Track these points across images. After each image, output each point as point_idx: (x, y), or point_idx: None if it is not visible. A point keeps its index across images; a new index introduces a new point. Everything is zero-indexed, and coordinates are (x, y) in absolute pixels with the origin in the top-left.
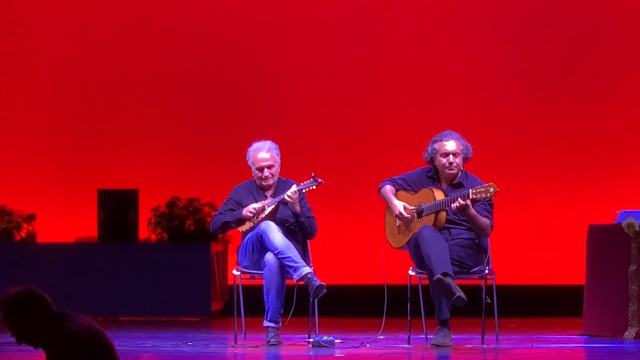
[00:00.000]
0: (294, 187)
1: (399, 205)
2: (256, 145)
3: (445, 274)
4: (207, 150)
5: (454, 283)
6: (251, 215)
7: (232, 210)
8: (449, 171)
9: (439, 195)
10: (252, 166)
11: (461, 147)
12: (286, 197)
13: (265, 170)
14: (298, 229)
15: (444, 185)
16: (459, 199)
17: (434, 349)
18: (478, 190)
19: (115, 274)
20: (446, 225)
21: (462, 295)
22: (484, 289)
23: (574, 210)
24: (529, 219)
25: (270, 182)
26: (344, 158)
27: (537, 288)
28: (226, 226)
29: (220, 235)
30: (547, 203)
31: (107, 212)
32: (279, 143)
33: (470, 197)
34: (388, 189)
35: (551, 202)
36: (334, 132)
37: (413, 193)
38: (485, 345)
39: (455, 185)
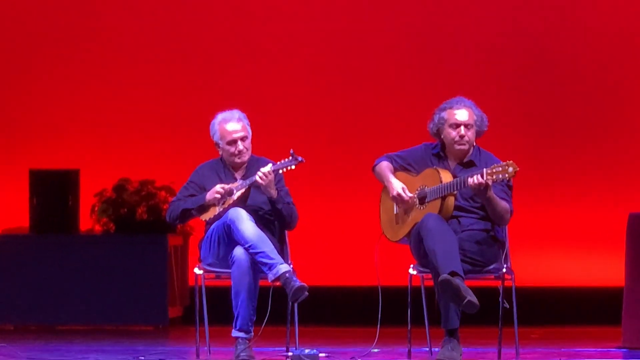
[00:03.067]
0: (268, 167)
1: (397, 185)
2: (222, 116)
3: (453, 274)
4: (163, 123)
5: (463, 284)
6: (218, 197)
7: (194, 195)
8: (459, 146)
9: (446, 176)
10: (219, 141)
11: (475, 118)
12: (258, 178)
13: (239, 143)
14: (274, 218)
15: (453, 164)
16: (477, 176)
17: None
18: (494, 170)
19: (51, 273)
20: (455, 213)
21: (474, 299)
22: (500, 291)
23: (609, 197)
24: (555, 208)
25: (246, 157)
26: (330, 131)
27: (565, 291)
28: (186, 214)
29: (179, 226)
30: (578, 188)
31: (41, 198)
32: (249, 114)
33: (485, 178)
34: (385, 165)
35: (582, 187)
36: (318, 101)
37: (415, 174)
38: None
39: (466, 164)
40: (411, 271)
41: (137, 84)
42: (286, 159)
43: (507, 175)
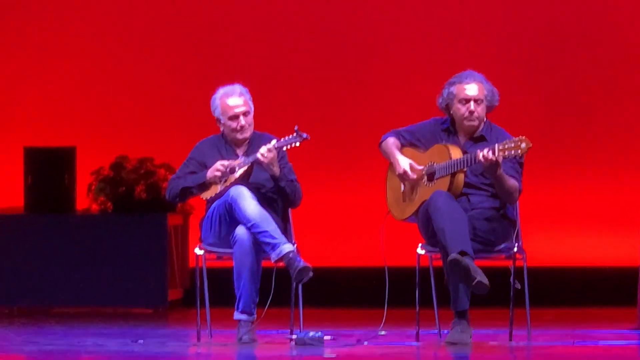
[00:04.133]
0: (272, 143)
1: (403, 162)
2: (223, 90)
3: (463, 253)
4: (162, 98)
5: (473, 264)
6: (219, 175)
7: (194, 172)
8: (469, 122)
9: (456, 152)
10: (220, 117)
11: (485, 92)
12: (259, 156)
13: (241, 118)
14: (277, 196)
15: (463, 139)
16: (489, 152)
17: (450, 348)
18: (506, 146)
19: (46, 254)
20: (464, 190)
21: (484, 279)
22: (512, 271)
23: (625, 174)
24: (568, 185)
25: (248, 133)
26: (336, 105)
27: (578, 271)
28: (186, 193)
29: (179, 205)
30: (592, 164)
31: (36, 176)
32: (251, 88)
33: (496, 154)
34: (391, 142)
35: (597, 163)
36: (324, 74)
37: (423, 150)
38: (513, 343)
39: (476, 139)
40: (419, 251)
41: (135, 59)
42: (290, 136)
43: (519, 151)
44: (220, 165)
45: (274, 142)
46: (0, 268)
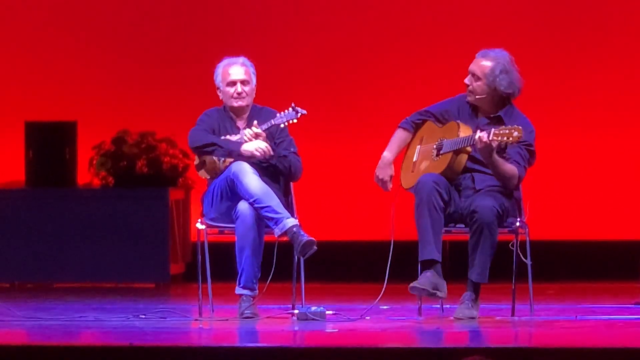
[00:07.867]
0: (277, 120)
1: (382, 174)
2: (227, 60)
3: (428, 262)
4: (163, 72)
5: (435, 276)
6: (258, 155)
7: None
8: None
9: (465, 131)
10: (220, 85)
11: (487, 71)
12: (246, 138)
13: (239, 85)
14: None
15: (481, 117)
16: (484, 134)
17: (455, 323)
18: (500, 131)
19: (47, 229)
20: (471, 166)
21: (442, 293)
22: (515, 246)
23: (629, 148)
24: (572, 157)
25: (244, 102)
26: (340, 78)
27: (582, 245)
28: (210, 148)
29: (180, 179)
30: (597, 136)
31: (38, 151)
32: (253, 60)
33: (490, 138)
34: (397, 136)
35: (602, 134)
36: (328, 45)
37: (442, 125)
38: (516, 317)
39: (494, 119)
40: None
41: (136, 32)
42: (285, 112)
43: (510, 139)
44: (264, 147)
45: (273, 120)
46: (1, 243)
